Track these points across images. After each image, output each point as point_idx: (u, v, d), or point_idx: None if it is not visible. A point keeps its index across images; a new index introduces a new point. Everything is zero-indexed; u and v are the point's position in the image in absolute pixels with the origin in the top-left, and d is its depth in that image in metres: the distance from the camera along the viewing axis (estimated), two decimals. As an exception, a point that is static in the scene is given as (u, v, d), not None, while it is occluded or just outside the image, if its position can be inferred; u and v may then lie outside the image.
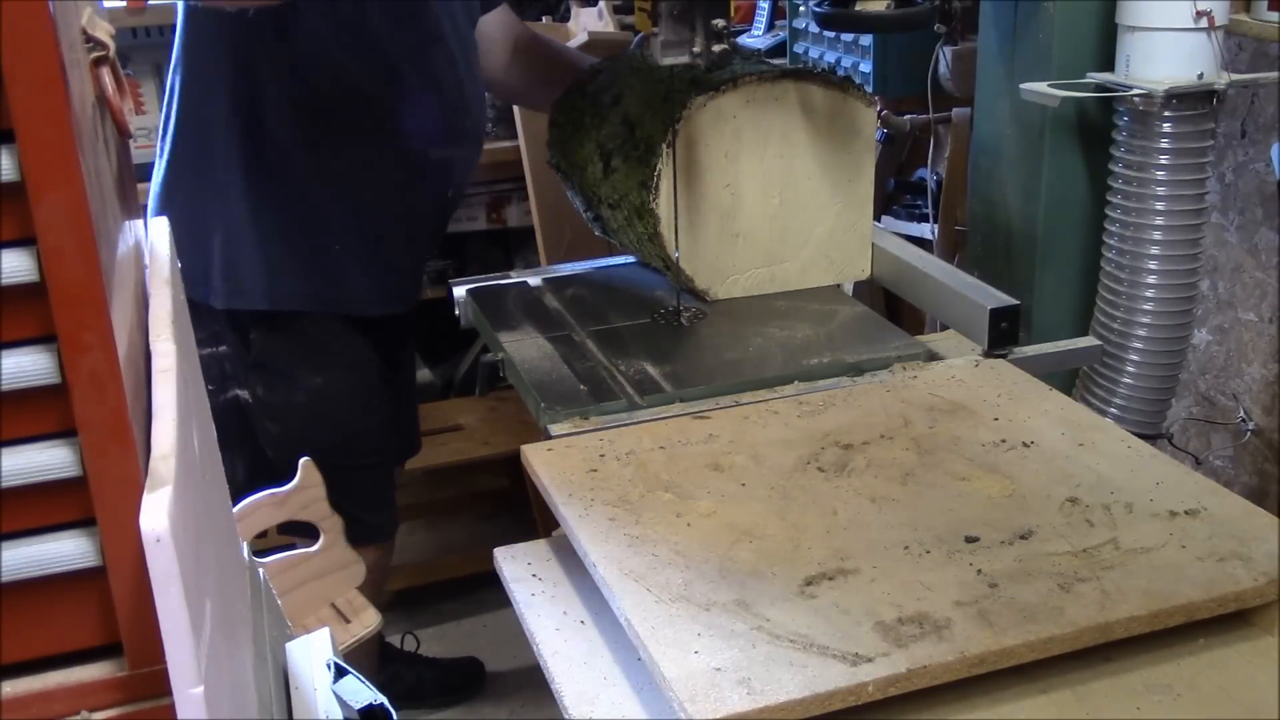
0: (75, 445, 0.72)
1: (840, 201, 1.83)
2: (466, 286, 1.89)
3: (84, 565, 0.74)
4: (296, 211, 1.86)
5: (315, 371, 1.91)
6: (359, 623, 1.79)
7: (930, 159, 2.56)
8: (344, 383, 1.94)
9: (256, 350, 1.89)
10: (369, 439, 2.02)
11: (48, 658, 0.76)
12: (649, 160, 1.70)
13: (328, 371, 1.92)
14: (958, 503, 1.27)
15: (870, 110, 1.81)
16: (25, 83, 0.66)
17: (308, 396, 1.91)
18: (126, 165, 1.06)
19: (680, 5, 1.56)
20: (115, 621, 0.75)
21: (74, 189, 0.68)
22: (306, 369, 1.91)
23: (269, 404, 1.90)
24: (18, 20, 0.65)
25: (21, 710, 0.74)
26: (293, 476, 1.63)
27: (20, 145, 0.67)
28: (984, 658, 1.04)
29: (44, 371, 0.70)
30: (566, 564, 1.31)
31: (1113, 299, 1.93)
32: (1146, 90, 1.81)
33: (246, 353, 1.90)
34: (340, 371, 1.93)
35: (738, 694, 0.99)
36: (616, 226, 1.85)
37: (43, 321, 0.70)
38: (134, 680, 0.76)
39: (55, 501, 0.73)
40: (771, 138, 1.76)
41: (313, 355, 1.92)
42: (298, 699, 1.02)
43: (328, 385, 1.92)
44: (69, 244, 0.69)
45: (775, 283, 1.84)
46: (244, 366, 1.91)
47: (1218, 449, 2.22)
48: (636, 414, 1.49)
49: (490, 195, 2.99)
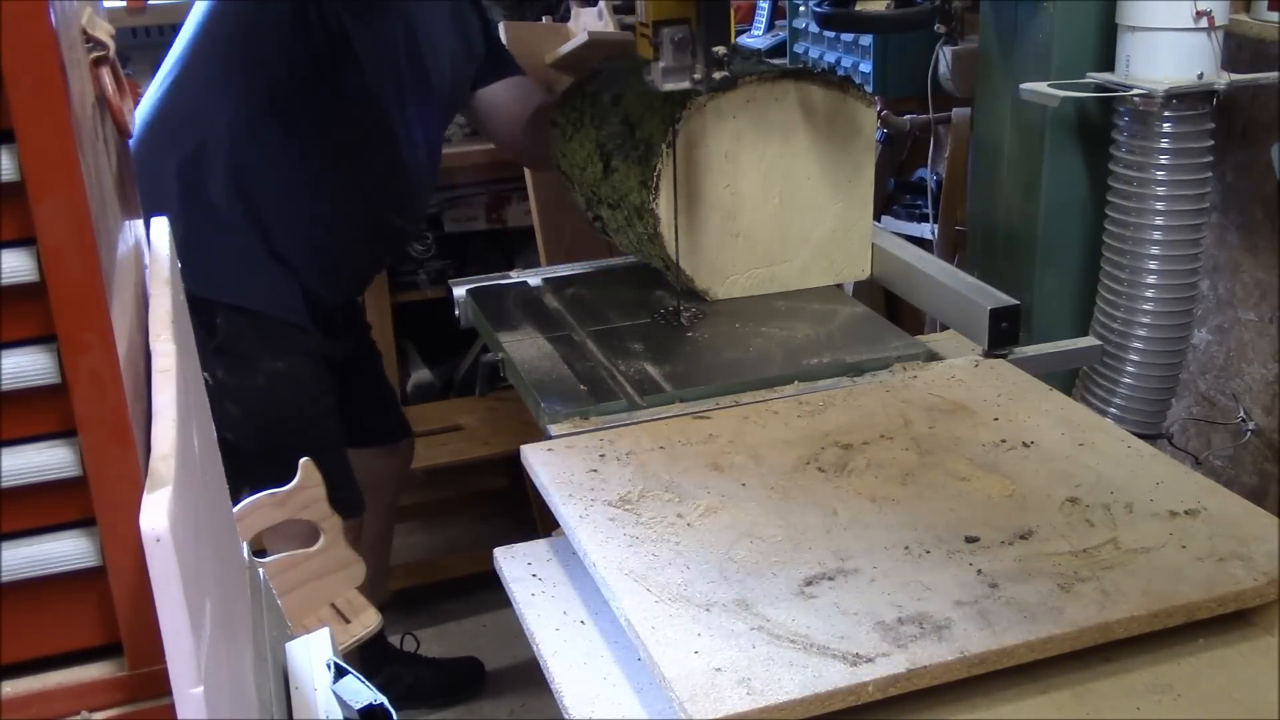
0: (75, 445, 0.72)
1: (840, 202, 1.83)
2: (466, 286, 1.89)
3: (84, 565, 0.74)
4: (273, 220, 1.95)
5: (276, 357, 1.99)
6: (359, 623, 1.78)
7: (930, 159, 2.56)
8: (301, 368, 2.02)
9: (221, 336, 1.95)
10: (324, 420, 2.10)
11: (48, 658, 0.76)
12: (649, 160, 1.70)
13: (287, 357, 2.00)
14: (958, 503, 1.27)
15: (870, 110, 1.81)
16: (25, 83, 0.66)
17: (267, 380, 1.98)
18: (126, 165, 1.06)
19: (681, 32, 1.56)
20: (115, 621, 0.75)
21: (74, 189, 0.68)
22: (268, 355, 1.98)
23: (230, 386, 1.96)
24: (18, 20, 0.65)
25: (21, 710, 0.74)
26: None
27: (20, 145, 0.67)
28: (984, 658, 1.04)
29: (44, 371, 0.70)
30: (566, 564, 1.32)
31: (1113, 299, 1.93)
32: (1146, 90, 1.81)
33: (209, 338, 1.94)
34: (298, 358, 2.02)
35: (738, 694, 0.99)
36: (616, 226, 1.85)
37: (43, 321, 0.70)
38: (134, 680, 0.76)
39: (55, 501, 0.73)
40: (771, 138, 1.76)
41: (274, 343, 1.99)
42: (298, 699, 1.02)
43: (288, 369, 2.00)
44: (69, 244, 0.69)
45: (775, 283, 1.84)
46: (206, 351, 1.95)
47: (1218, 449, 2.22)
48: (636, 414, 1.49)
49: (490, 195, 2.99)
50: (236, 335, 1.95)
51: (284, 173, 1.93)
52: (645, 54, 1.62)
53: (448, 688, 2.58)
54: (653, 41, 1.58)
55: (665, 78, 1.59)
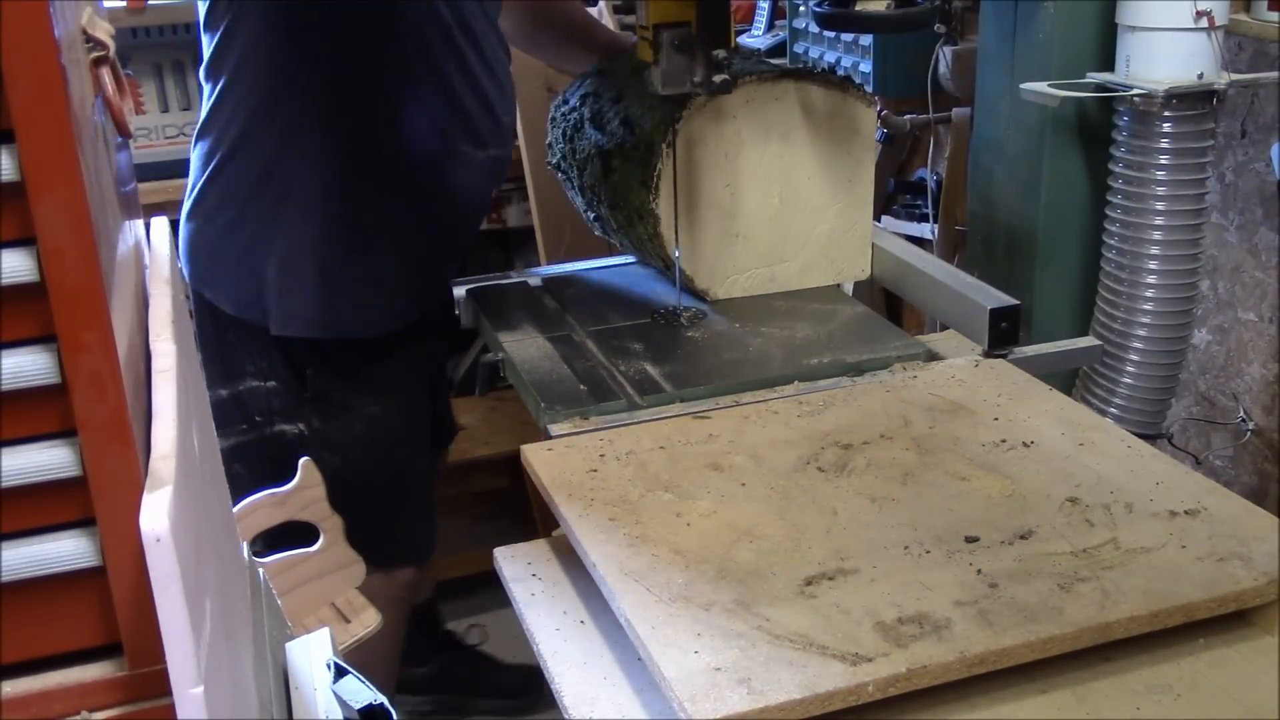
0: (75, 445, 0.72)
1: (840, 202, 1.83)
2: (466, 286, 1.89)
3: (84, 565, 0.74)
4: (346, 234, 1.84)
5: (372, 401, 1.92)
6: (359, 623, 1.78)
7: (930, 159, 2.56)
8: (398, 408, 1.95)
9: (314, 384, 1.89)
10: (421, 460, 2.04)
11: (48, 658, 0.76)
12: (649, 160, 1.70)
13: (383, 400, 1.93)
14: (958, 503, 1.27)
15: (870, 110, 1.81)
16: (25, 83, 0.66)
17: (366, 426, 1.91)
18: (127, 165, 1.06)
19: (680, 35, 1.56)
20: (115, 621, 0.75)
21: (74, 189, 0.68)
22: (362, 399, 1.91)
23: (327, 436, 1.89)
24: (18, 20, 0.65)
25: (21, 710, 0.74)
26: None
27: (20, 145, 0.67)
28: (984, 658, 1.04)
29: (44, 371, 0.70)
30: (566, 564, 1.31)
31: (1113, 299, 1.93)
32: (1146, 90, 1.81)
33: (301, 387, 1.88)
34: (395, 399, 1.94)
35: (738, 694, 0.99)
36: (617, 226, 1.85)
37: (43, 321, 0.70)
38: (134, 680, 0.76)
39: (55, 501, 0.73)
40: (771, 138, 1.76)
41: (368, 385, 1.92)
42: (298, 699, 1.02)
43: (384, 413, 1.93)
44: (69, 244, 0.69)
45: (775, 283, 1.84)
46: (297, 401, 1.90)
47: (1218, 449, 2.22)
48: (636, 414, 1.49)
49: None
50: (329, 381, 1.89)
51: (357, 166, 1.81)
52: (645, 56, 1.62)
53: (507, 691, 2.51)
54: (652, 44, 1.58)
55: (664, 81, 1.59)
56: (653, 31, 1.57)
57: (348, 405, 1.91)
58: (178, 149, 2.71)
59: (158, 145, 2.70)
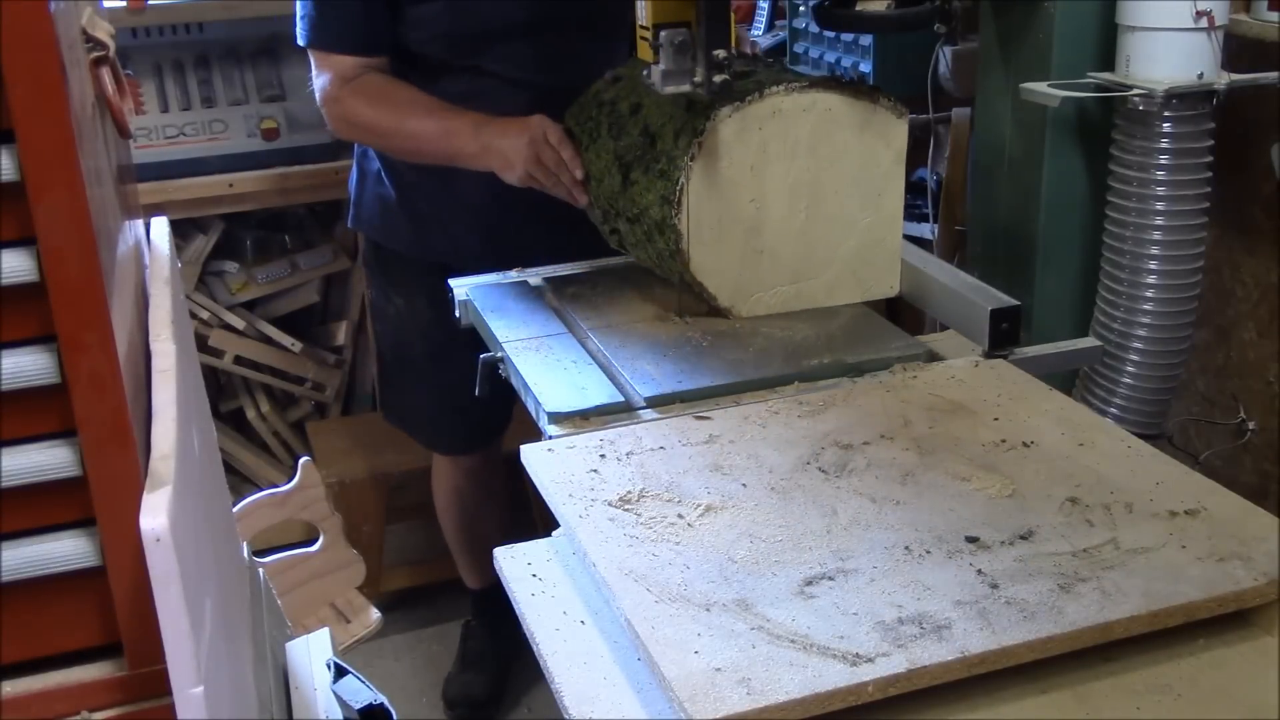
0: (75, 445, 0.72)
1: (869, 216, 1.77)
2: (466, 286, 1.89)
3: (84, 565, 0.74)
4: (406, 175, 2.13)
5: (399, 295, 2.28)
6: (359, 623, 1.79)
7: (930, 159, 2.56)
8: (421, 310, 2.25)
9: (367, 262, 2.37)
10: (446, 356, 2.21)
11: (48, 658, 0.76)
12: (671, 173, 1.65)
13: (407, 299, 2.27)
14: (958, 503, 1.27)
15: (901, 122, 1.74)
16: (25, 83, 0.66)
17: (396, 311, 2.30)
18: (126, 165, 1.06)
19: (681, 35, 1.55)
20: (115, 621, 0.75)
21: (74, 189, 0.68)
22: (392, 292, 2.29)
23: (375, 305, 2.38)
24: (18, 20, 0.65)
25: (21, 710, 0.74)
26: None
27: (20, 145, 0.67)
28: (984, 658, 1.04)
29: (44, 371, 0.70)
30: (566, 564, 1.31)
31: (1113, 299, 1.93)
32: (1146, 90, 1.81)
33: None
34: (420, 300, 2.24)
35: (738, 694, 0.99)
36: (635, 241, 1.79)
37: (43, 321, 0.70)
38: (134, 680, 0.76)
39: (55, 501, 0.73)
40: (799, 150, 1.70)
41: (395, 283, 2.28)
42: (298, 699, 1.02)
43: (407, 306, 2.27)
44: (69, 244, 0.69)
45: (801, 300, 1.77)
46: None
47: (1218, 449, 2.22)
48: (636, 414, 1.49)
49: (490, 195, 2.98)
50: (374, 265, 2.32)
51: None
52: (645, 57, 1.62)
53: None
54: (653, 44, 1.58)
55: (665, 81, 1.59)
56: (653, 31, 1.57)
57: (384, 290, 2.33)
58: (178, 149, 2.71)
59: (158, 145, 2.70)
